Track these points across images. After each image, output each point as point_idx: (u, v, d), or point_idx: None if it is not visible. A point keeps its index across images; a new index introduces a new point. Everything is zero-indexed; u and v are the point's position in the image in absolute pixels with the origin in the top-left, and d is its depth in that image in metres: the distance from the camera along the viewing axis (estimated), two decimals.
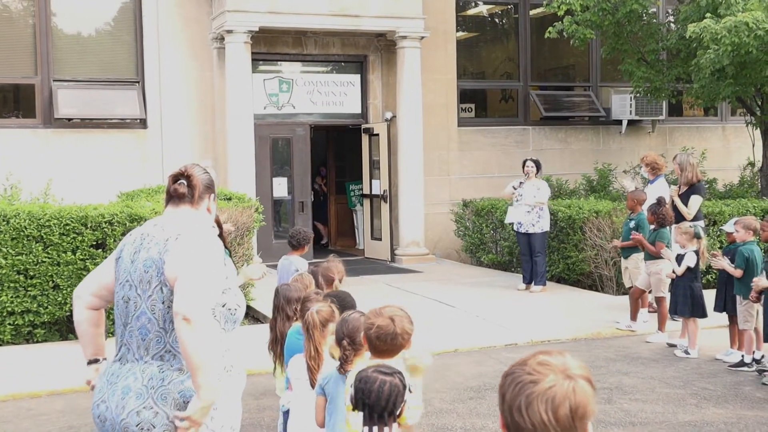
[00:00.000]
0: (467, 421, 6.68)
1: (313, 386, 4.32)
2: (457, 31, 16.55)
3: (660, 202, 9.58)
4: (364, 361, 4.10)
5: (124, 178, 13.40)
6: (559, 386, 1.93)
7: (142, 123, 14.27)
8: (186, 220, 3.46)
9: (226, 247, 6.26)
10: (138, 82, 14.32)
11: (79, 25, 14.28)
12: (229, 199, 10.91)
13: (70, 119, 13.85)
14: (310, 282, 5.91)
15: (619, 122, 17.34)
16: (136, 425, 3.15)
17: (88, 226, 8.99)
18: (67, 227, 8.89)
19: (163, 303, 3.27)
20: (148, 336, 3.28)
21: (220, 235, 6.03)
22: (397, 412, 2.96)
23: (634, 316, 9.65)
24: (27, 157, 13.37)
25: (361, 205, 16.69)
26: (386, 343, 3.69)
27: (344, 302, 5.03)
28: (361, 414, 2.87)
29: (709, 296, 8.80)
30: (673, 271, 8.85)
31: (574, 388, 1.94)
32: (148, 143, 14.23)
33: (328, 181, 18.59)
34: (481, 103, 17.71)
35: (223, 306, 3.37)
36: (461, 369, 8.21)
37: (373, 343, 3.73)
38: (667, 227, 9.39)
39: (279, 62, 15.32)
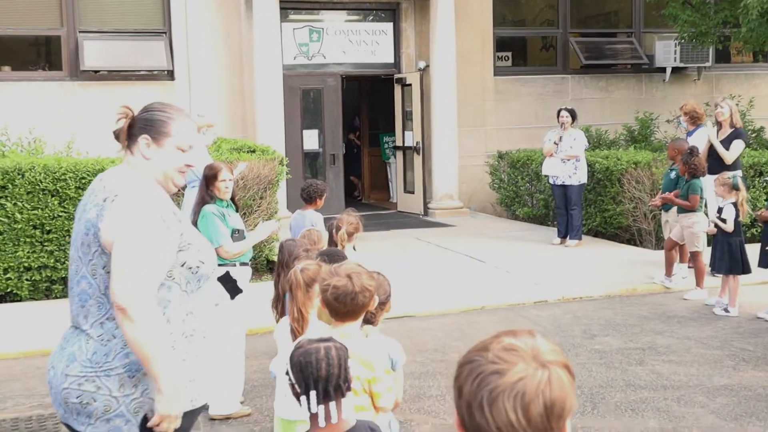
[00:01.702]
0: None
1: None
2: None
3: (693, 151, 9.09)
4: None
5: None
6: (531, 378, 1.54)
7: (170, 75, 14.00)
8: (124, 174, 3.06)
9: (233, 201, 6.02)
10: (165, 33, 14.01)
11: None
12: (253, 151, 10.60)
13: (96, 71, 13.62)
14: (318, 238, 5.59)
15: (662, 70, 16.67)
16: (77, 397, 2.89)
17: None
18: (83, 181, 8.67)
19: (104, 268, 2.93)
20: (88, 302, 2.96)
21: (209, 188, 5.82)
22: (349, 383, 2.63)
23: (668, 271, 9.21)
24: (53, 111, 13.19)
25: (395, 157, 16.32)
26: (346, 304, 3.37)
27: (335, 260, 4.69)
28: (312, 394, 2.54)
29: (754, 251, 8.34)
30: (716, 225, 8.39)
31: (549, 380, 1.54)
32: (176, 95, 13.94)
33: (362, 133, 18.21)
34: (518, 52, 17.13)
35: (182, 265, 3.00)
36: (486, 327, 7.86)
37: (332, 305, 3.40)
38: (700, 178, 8.91)
39: (309, 11, 14.90)
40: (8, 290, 8.72)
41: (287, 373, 2.61)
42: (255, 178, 9.67)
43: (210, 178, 5.87)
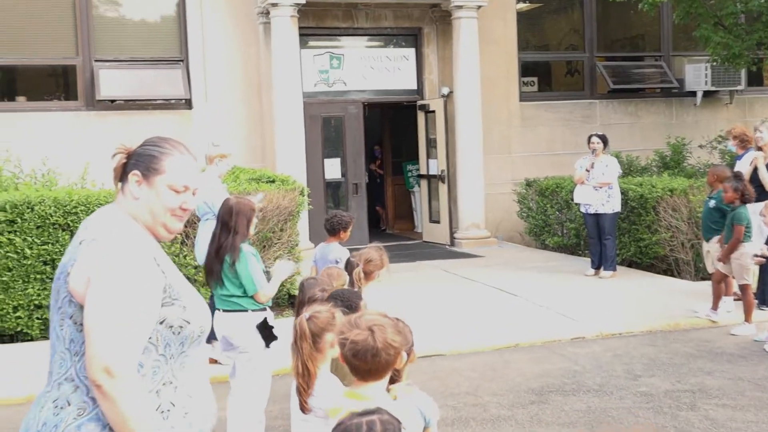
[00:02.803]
0: (528, 430, 5.86)
1: (303, 411, 3.56)
2: (517, 0, 15.57)
3: (738, 176, 8.60)
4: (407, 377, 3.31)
5: None
6: None
7: (187, 103, 13.66)
8: (110, 216, 2.64)
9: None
10: (182, 60, 13.70)
11: (120, 3, 13.71)
12: (272, 181, 10.20)
13: (112, 101, 13.31)
14: (338, 275, 5.14)
15: (693, 94, 16.19)
16: None
17: None
18: None
19: (71, 318, 2.48)
20: (54, 356, 2.53)
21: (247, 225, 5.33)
22: None
23: (715, 305, 8.68)
24: (68, 141, 12.87)
25: (419, 186, 15.89)
26: (366, 361, 2.88)
27: (349, 303, 4.21)
28: None
29: None
30: (762, 255, 7.88)
31: None
32: (194, 124, 13.62)
33: (384, 161, 17.80)
34: (544, 77, 16.71)
35: (162, 323, 2.53)
36: (521, 367, 7.37)
37: (351, 362, 2.92)
38: (746, 205, 8.41)
39: (329, 37, 14.55)
40: (18, 329, 8.32)
41: None
42: (274, 210, 9.26)
43: (250, 213, 5.41)
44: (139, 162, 2.67)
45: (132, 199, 2.64)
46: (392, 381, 3.23)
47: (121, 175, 2.69)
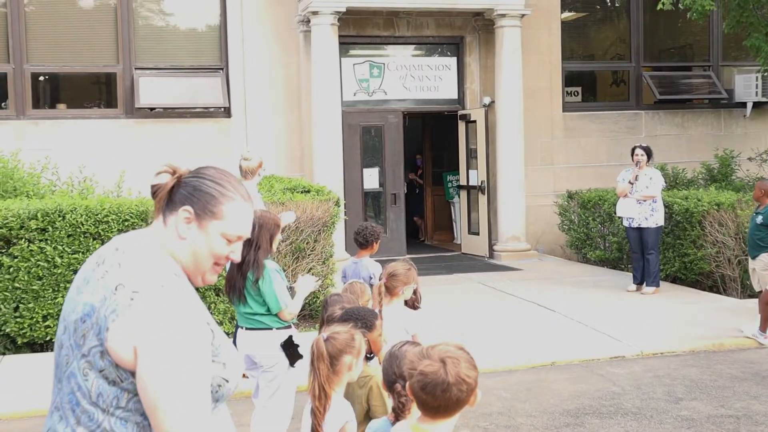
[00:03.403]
0: None
1: None
2: (562, 9, 15.30)
3: None
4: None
5: None
6: None
7: (226, 112, 13.61)
8: (146, 251, 2.32)
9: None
10: (222, 69, 13.65)
11: (160, 11, 13.73)
12: (307, 191, 10.06)
13: (152, 108, 13.31)
14: (362, 291, 4.94)
15: (743, 105, 15.76)
16: None
17: (149, 221, 8.27)
18: (126, 223, 8.21)
19: (101, 372, 2.19)
20: (78, 408, 2.24)
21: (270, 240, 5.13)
22: None
23: (764, 327, 8.33)
24: (108, 149, 12.88)
25: (459, 197, 15.66)
26: (435, 396, 2.57)
27: (364, 322, 4.01)
28: None
29: None
30: None
31: None
32: (232, 133, 13.56)
33: (424, 171, 17.60)
34: (588, 87, 16.40)
35: None
36: (557, 387, 7.12)
37: (419, 396, 2.61)
38: None
39: (369, 45, 14.41)
40: (48, 338, 8.25)
41: None
42: (308, 220, 9.11)
43: (274, 228, 5.22)
44: (193, 197, 2.34)
45: (177, 237, 2.34)
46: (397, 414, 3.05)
47: (167, 200, 2.37)
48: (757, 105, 15.75)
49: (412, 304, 5.28)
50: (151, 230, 2.39)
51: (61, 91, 13.89)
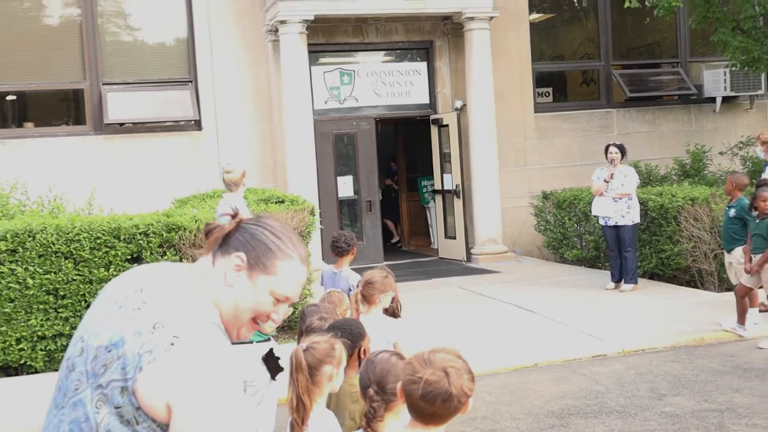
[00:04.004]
0: None
1: None
2: (530, 11, 15.32)
3: (761, 183, 8.30)
4: (399, 419, 3.04)
5: (179, 183, 12.64)
6: None
7: (197, 124, 13.49)
8: (189, 294, 2.14)
9: None
10: (190, 81, 13.54)
11: (127, 25, 13.59)
12: (282, 201, 9.97)
13: (121, 124, 13.16)
14: (340, 300, 4.87)
15: (712, 100, 15.86)
16: None
17: (122, 238, 8.16)
18: (98, 241, 8.08)
19: (116, 408, 2.02)
20: None
21: None
22: None
23: (741, 319, 8.34)
24: (77, 166, 12.72)
25: (434, 201, 15.62)
26: (434, 405, 2.50)
27: (351, 335, 3.94)
28: None
29: None
30: None
31: None
32: (203, 145, 13.45)
33: (399, 177, 17.56)
34: (559, 87, 16.43)
35: None
36: (540, 388, 7.08)
37: (417, 404, 2.53)
38: None
39: (339, 53, 14.35)
40: (22, 362, 8.10)
41: None
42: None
43: None
44: (249, 245, 2.20)
45: (223, 283, 2.18)
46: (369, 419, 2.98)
47: (221, 242, 2.24)
48: (726, 99, 15.85)
49: (392, 312, 5.21)
50: (197, 268, 2.24)
51: (27, 110, 13.71)
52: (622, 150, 10.92)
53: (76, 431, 2.06)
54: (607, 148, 11.03)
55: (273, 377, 5.09)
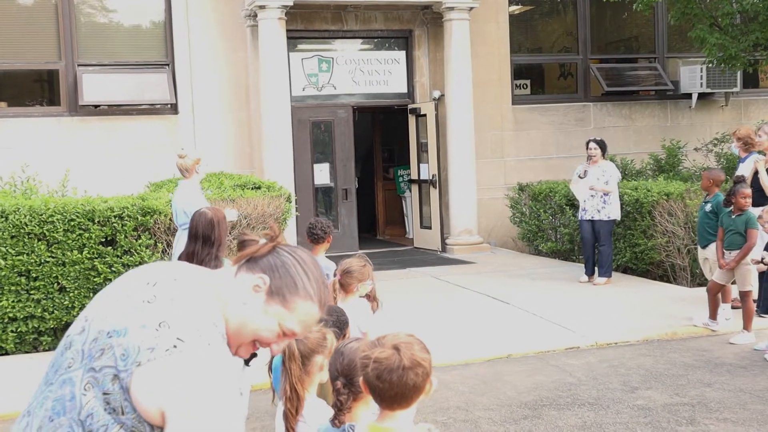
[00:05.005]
0: None
1: None
2: (510, 2, 15.32)
3: (742, 180, 8.36)
4: (369, 409, 3.03)
5: (154, 167, 12.53)
6: None
7: (173, 108, 13.38)
8: (201, 300, 2.13)
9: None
10: (168, 64, 13.42)
11: (103, 6, 13.44)
12: (258, 187, 9.93)
13: (96, 106, 13.02)
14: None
15: (688, 96, 15.97)
16: None
17: (96, 221, 8.08)
18: (72, 223, 8.00)
19: (104, 395, 2.00)
20: (59, 418, 2.04)
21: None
22: None
23: (713, 315, 8.40)
24: (51, 148, 12.59)
25: (410, 191, 15.62)
26: (392, 383, 2.47)
27: (339, 322, 3.93)
28: None
29: None
30: (763, 261, 7.63)
31: None
32: (180, 129, 13.34)
33: (375, 166, 17.53)
34: (537, 80, 16.47)
35: None
36: (514, 379, 7.10)
37: (375, 386, 2.50)
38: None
39: (318, 40, 14.28)
40: None
41: None
42: (259, 217, 8.98)
43: (226, 222, 5.10)
44: (276, 272, 2.18)
45: (240, 300, 2.17)
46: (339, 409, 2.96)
47: (251, 257, 2.24)
48: (702, 96, 15.96)
49: (374, 299, 5.20)
50: (218, 276, 2.24)
51: (1, 89, 13.52)
52: (602, 146, 10.95)
53: (59, 408, 2.05)
54: (587, 143, 11.06)
55: (247, 363, 5.07)
